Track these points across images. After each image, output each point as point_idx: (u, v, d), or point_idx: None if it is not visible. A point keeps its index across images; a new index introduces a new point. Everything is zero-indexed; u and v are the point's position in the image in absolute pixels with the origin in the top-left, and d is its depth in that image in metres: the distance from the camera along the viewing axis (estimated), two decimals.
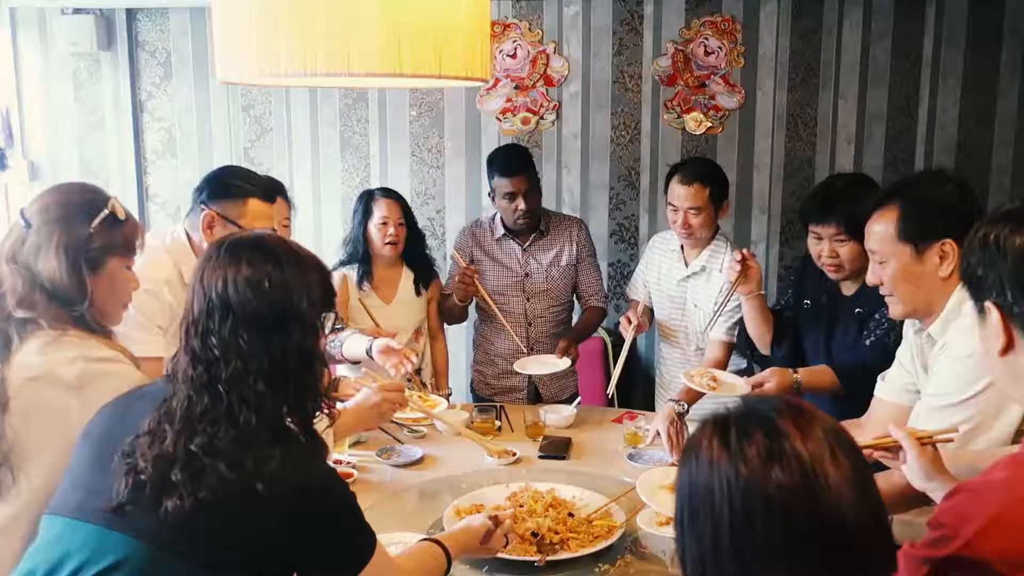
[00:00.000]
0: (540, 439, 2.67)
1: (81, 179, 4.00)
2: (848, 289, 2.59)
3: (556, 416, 2.80)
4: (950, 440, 1.62)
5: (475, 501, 2.15)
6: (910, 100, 3.82)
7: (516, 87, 3.90)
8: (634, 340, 3.07)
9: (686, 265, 3.01)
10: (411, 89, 3.90)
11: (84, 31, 3.84)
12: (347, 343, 2.73)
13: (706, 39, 3.80)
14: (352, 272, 3.14)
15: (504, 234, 3.20)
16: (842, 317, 2.61)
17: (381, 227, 3.09)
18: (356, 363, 2.81)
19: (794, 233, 3.92)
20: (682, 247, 3.03)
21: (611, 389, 2.91)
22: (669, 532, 1.95)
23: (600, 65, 3.87)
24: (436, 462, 2.56)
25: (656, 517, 2.02)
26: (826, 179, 2.81)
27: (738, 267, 2.66)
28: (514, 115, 3.91)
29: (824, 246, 2.53)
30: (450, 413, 2.84)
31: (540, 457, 2.58)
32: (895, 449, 1.61)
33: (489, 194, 3.18)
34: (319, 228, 4.09)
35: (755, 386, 2.48)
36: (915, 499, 1.82)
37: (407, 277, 3.20)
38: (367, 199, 3.14)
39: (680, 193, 2.88)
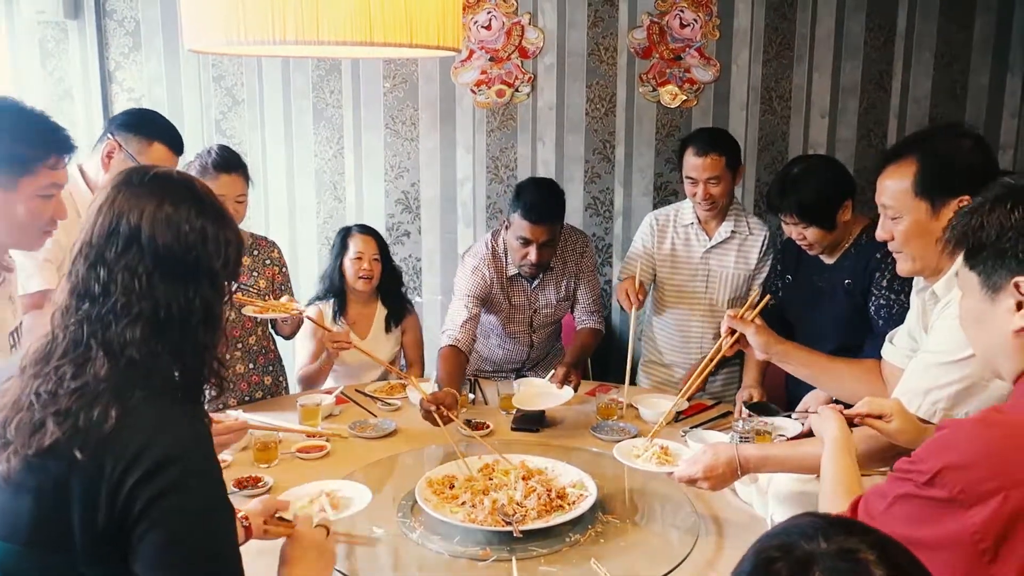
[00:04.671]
0: (513, 411, 2.68)
1: None
2: (828, 259, 2.65)
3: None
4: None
5: (447, 473, 2.16)
6: (884, 74, 3.83)
7: (491, 59, 3.87)
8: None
9: (709, 237, 3.07)
10: (385, 60, 3.86)
11: None
12: None
13: (681, 11, 3.78)
14: (327, 307, 3.20)
15: (516, 274, 3.07)
16: (824, 288, 2.66)
17: (355, 261, 3.15)
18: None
19: (768, 207, 3.93)
20: (698, 219, 3.08)
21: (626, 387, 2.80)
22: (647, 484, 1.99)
23: (575, 37, 3.85)
24: (409, 435, 2.56)
25: (633, 450, 2.07)
26: (787, 164, 2.82)
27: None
28: (489, 87, 3.88)
29: (792, 229, 2.61)
30: (425, 387, 2.84)
31: (513, 429, 2.59)
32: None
33: (504, 223, 3.04)
34: (292, 201, 4.05)
35: None
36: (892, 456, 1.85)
37: (380, 313, 3.26)
38: (344, 235, 3.21)
39: (697, 165, 2.93)
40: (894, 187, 1.82)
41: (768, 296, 2.36)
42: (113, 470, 1.10)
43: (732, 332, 2.19)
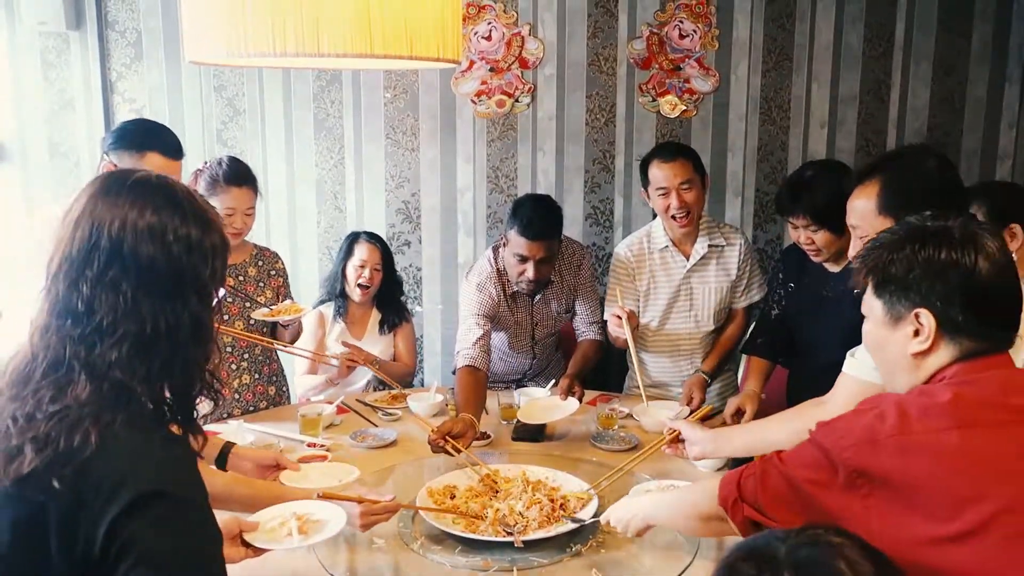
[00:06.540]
0: (514, 421, 2.68)
1: (50, 161, 3.96)
2: (833, 268, 2.66)
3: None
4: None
5: (447, 483, 2.16)
6: (882, 84, 3.85)
7: (491, 69, 3.88)
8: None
9: (686, 258, 3.02)
10: (385, 71, 3.88)
11: (52, 9, 3.77)
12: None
13: (681, 22, 3.80)
14: (328, 309, 3.28)
15: (516, 291, 3.05)
16: (829, 296, 2.66)
17: (358, 269, 3.24)
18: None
19: (767, 216, 3.94)
20: (671, 241, 3.03)
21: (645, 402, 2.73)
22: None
23: (575, 47, 3.86)
24: (410, 444, 2.57)
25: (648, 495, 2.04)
26: (798, 168, 2.82)
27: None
28: (489, 97, 3.90)
29: (801, 233, 2.60)
30: (426, 396, 2.85)
31: (514, 439, 2.59)
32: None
33: (501, 239, 3.03)
34: (293, 211, 4.06)
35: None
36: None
37: (376, 316, 3.33)
38: (352, 240, 3.30)
39: (667, 173, 2.87)
40: (860, 207, 1.88)
41: (710, 407, 2.57)
42: (93, 501, 1.05)
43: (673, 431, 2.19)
